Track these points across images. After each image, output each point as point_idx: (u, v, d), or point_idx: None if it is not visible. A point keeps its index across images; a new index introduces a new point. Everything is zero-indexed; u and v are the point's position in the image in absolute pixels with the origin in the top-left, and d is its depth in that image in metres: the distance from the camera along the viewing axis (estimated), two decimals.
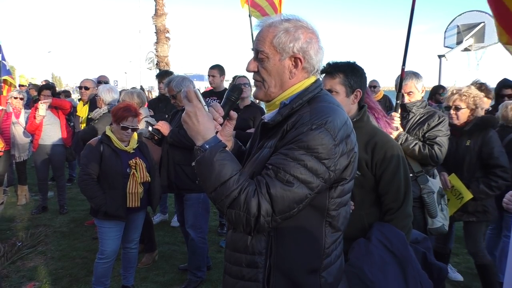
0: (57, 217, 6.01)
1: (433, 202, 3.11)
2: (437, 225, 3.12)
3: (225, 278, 1.61)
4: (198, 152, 1.39)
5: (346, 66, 2.24)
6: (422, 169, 3.18)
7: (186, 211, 3.94)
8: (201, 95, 1.44)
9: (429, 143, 3.15)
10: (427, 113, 3.28)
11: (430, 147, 3.13)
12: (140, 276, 4.12)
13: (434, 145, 3.13)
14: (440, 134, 3.17)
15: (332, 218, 1.48)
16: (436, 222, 3.12)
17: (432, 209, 3.11)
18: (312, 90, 1.50)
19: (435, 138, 3.15)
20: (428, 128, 3.20)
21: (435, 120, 3.21)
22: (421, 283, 1.91)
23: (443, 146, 3.15)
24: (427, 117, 3.25)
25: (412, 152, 3.14)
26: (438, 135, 3.16)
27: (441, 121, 3.21)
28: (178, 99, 3.85)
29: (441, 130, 3.19)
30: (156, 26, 11.57)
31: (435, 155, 3.11)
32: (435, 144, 3.13)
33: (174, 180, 3.86)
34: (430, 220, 3.13)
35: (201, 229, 3.94)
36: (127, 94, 4.75)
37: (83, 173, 3.38)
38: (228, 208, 1.34)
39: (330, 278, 1.51)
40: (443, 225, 3.15)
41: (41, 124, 5.91)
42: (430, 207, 3.10)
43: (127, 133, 3.45)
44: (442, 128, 3.21)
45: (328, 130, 1.35)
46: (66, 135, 6.16)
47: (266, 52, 1.49)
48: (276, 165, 1.34)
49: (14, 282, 3.98)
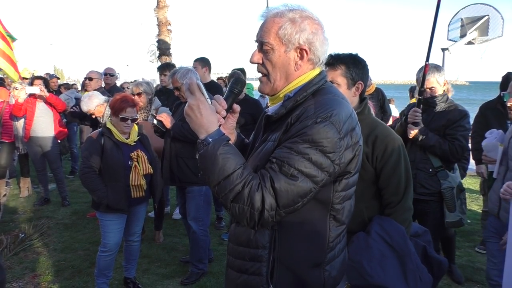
0: (60, 209, 6.03)
1: (453, 197, 3.11)
2: (455, 218, 3.14)
3: (228, 271, 1.61)
4: (201, 146, 1.37)
5: (348, 58, 2.21)
6: (442, 164, 3.16)
7: (188, 203, 3.96)
8: (204, 88, 1.42)
9: (449, 139, 3.12)
10: (448, 108, 3.24)
11: (451, 143, 3.10)
12: (142, 268, 4.14)
13: (454, 141, 3.09)
14: (461, 129, 3.13)
15: (337, 211, 1.47)
16: (454, 216, 3.14)
17: (451, 204, 3.12)
18: (317, 82, 1.48)
19: (456, 134, 3.11)
20: (449, 123, 3.15)
21: (456, 115, 3.16)
22: (420, 277, 1.92)
23: (463, 142, 3.12)
24: (448, 112, 3.20)
25: (432, 148, 3.12)
26: (459, 131, 3.12)
27: (462, 116, 3.16)
28: (182, 91, 3.82)
29: (462, 125, 3.14)
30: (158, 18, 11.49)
31: (455, 151, 3.09)
32: (455, 140, 3.09)
33: (177, 172, 3.88)
34: (447, 214, 3.15)
35: (203, 222, 3.96)
36: (134, 85, 4.85)
37: (84, 166, 3.38)
38: (231, 202, 1.33)
39: (334, 272, 1.52)
40: (461, 219, 3.17)
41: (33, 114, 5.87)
42: (449, 202, 3.11)
43: (127, 124, 3.44)
44: (463, 123, 3.16)
45: (333, 123, 1.33)
46: (59, 129, 6.15)
47: (271, 44, 1.45)
48: (280, 159, 1.33)
49: (17, 274, 4.00)
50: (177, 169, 3.87)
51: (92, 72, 5.70)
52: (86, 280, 3.89)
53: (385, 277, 1.86)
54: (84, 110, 4.74)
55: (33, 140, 6.00)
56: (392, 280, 1.86)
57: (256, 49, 1.51)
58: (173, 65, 6.03)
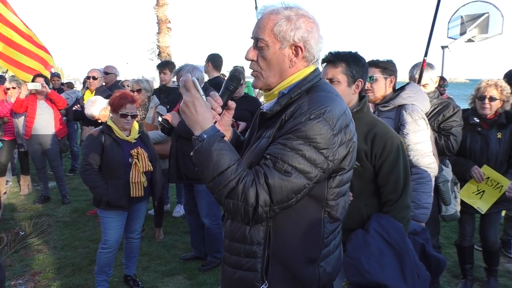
0: (60, 207, 6.05)
1: (448, 191, 3.17)
2: (451, 212, 3.22)
3: (224, 267, 1.62)
4: (196, 142, 1.38)
5: (348, 56, 2.22)
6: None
7: (199, 202, 4.04)
8: (199, 85, 1.42)
9: (444, 134, 3.20)
10: (441, 104, 3.31)
11: (446, 137, 3.19)
12: (142, 266, 4.15)
13: (450, 136, 3.19)
14: (455, 124, 3.23)
15: (331, 208, 1.48)
16: (449, 209, 3.21)
17: (446, 197, 3.18)
18: (311, 79, 1.48)
19: (451, 128, 3.21)
20: (443, 118, 3.25)
21: (450, 110, 3.25)
22: (418, 275, 1.93)
23: (458, 137, 3.22)
24: (442, 108, 3.28)
25: None
26: (453, 125, 3.22)
27: (455, 112, 3.26)
28: None
29: (456, 120, 3.25)
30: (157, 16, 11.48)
31: (451, 146, 3.18)
32: (450, 135, 3.19)
33: (184, 170, 3.94)
34: (444, 207, 3.21)
35: (216, 216, 4.08)
36: (134, 82, 4.89)
37: (84, 163, 3.40)
38: (226, 198, 1.34)
39: (329, 268, 1.52)
40: (456, 212, 3.25)
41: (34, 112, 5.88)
42: (445, 195, 3.16)
43: (127, 121, 3.45)
44: (457, 118, 3.27)
45: (326, 119, 1.34)
46: (59, 127, 6.16)
47: (266, 40, 1.46)
48: (274, 155, 1.34)
49: (17, 271, 4.02)
50: (184, 167, 3.93)
51: (94, 71, 5.68)
52: (86, 278, 3.90)
53: (383, 274, 1.87)
54: (88, 115, 4.73)
55: (33, 137, 6.00)
56: (390, 277, 1.87)
57: (251, 46, 1.52)
58: (172, 63, 6.02)
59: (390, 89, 2.81)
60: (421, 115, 2.73)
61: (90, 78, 5.62)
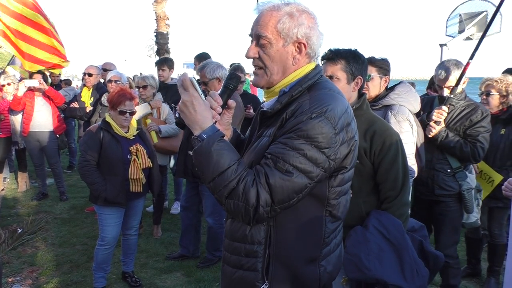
0: (58, 204, 6.04)
1: (472, 199, 3.08)
2: (472, 220, 3.14)
3: (224, 267, 1.61)
4: (196, 142, 1.37)
5: (348, 53, 2.22)
6: (460, 164, 3.10)
7: (205, 201, 4.06)
8: (197, 84, 1.41)
9: (471, 141, 3.02)
10: (469, 106, 3.11)
11: (472, 145, 3.01)
12: (139, 263, 4.15)
13: (476, 143, 3.01)
14: (483, 130, 3.04)
15: (332, 207, 1.47)
16: (471, 217, 3.13)
17: (469, 205, 3.08)
18: (312, 77, 1.47)
19: (478, 135, 3.02)
20: (470, 124, 3.05)
21: (478, 115, 3.05)
22: (417, 271, 1.93)
23: (485, 144, 3.03)
24: (469, 112, 3.08)
25: (452, 150, 3.05)
26: (481, 132, 3.03)
27: (484, 117, 3.05)
28: (209, 86, 3.75)
29: (484, 126, 3.05)
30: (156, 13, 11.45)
31: (477, 154, 3.01)
32: (477, 142, 3.01)
33: (191, 167, 3.95)
34: (465, 215, 3.12)
35: (220, 215, 4.07)
36: (140, 78, 4.89)
37: (83, 159, 3.39)
38: (226, 198, 1.33)
39: (329, 267, 1.52)
40: (477, 220, 3.17)
41: (32, 109, 5.85)
42: (468, 203, 3.07)
43: (126, 118, 3.44)
44: (485, 124, 3.06)
45: (328, 118, 1.32)
46: (57, 124, 6.14)
47: (269, 38, 1.43)
48: (275, 155, 1.33)
49: (15, 268, 4.01)
50: (192, 164, 3.92)
51: (91, 67, 5.65)
52: (84, 275, 3.89)
53: (382, 270, 1.88)
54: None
55: (31, 134, 5.97)
56: (389, 273, 1.88)
57: (252, 44, 1.49)
58: (170, 60, 6.00)
59: (383, 88, 2.79)
60: (405, 117, 2.64)
61: (86, 75, 5.60)
